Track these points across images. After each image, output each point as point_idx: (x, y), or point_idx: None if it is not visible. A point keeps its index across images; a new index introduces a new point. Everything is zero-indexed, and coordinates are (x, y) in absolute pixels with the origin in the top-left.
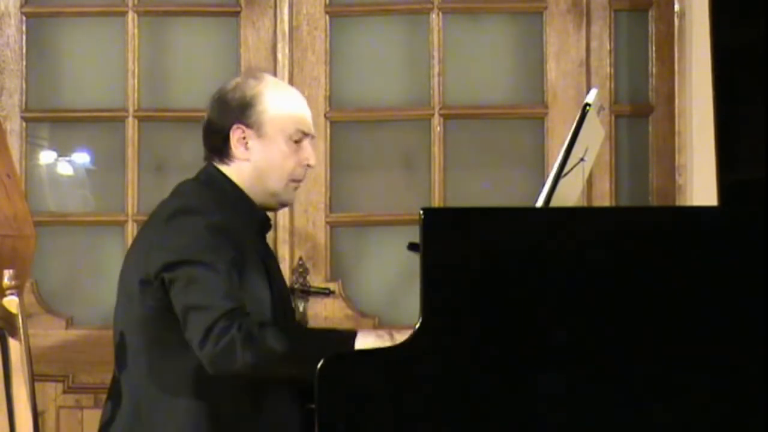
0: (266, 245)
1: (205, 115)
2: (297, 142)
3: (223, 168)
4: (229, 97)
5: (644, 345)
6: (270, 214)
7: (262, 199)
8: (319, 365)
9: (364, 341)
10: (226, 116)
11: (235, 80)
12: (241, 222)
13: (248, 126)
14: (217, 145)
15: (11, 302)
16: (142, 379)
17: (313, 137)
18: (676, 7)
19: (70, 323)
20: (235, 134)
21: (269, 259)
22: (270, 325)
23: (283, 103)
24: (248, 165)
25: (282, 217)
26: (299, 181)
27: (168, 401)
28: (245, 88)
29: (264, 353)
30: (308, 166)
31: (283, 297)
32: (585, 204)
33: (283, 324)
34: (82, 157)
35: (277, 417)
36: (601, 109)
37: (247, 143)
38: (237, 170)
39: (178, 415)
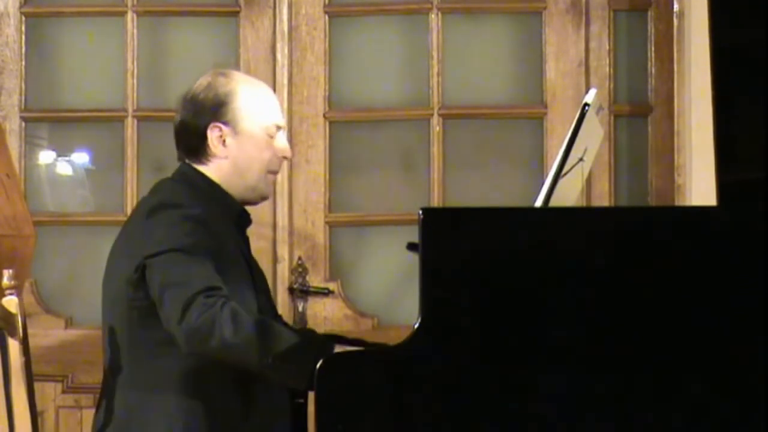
0: (246, 240)
1: (176, 116)
2: (271, 135)
3: (200, 167)
4: (201, 97)
5: (643, 344)
6: (269, 214)
7: (241, 195)
8: (318, 364)
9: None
10: (201, 116)
11: (205, 79)
12: (219, 215)
13: (225, 124)
14: (194, 146)
15: (11, 302)
16: (132, 379)
17: (284, 128)
18: (675, 7)
19: (69, 323)
20: (213, 133)
21: (249, 254)
22: (253, 313)
23: (256, 98)
24: (227, 162)
25: (281, 217)
26: (276, 172)
27: (158, 400)
28: (217, 86)
29: (243, 335)
30: (284, 157)
31: (268, 293)
32: (584, 204)
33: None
34: (81, 157)
35: (268, 412)
36: (600, 109)
37: (224, 141)
38: (215, 168)
39: (169, 413)
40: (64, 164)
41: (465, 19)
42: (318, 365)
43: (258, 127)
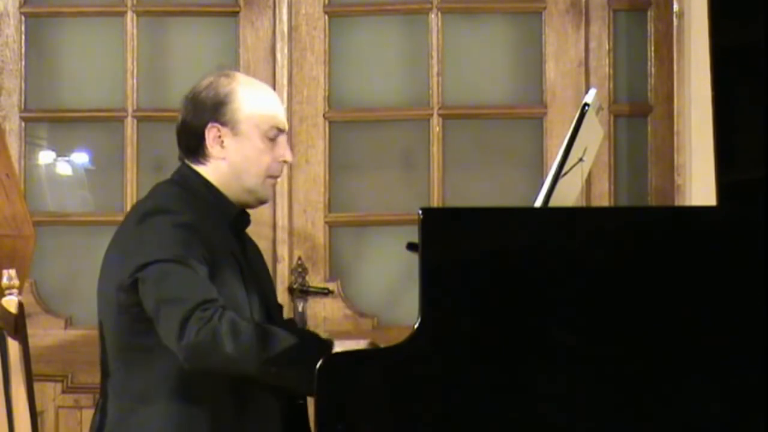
0: (243, 243)
1: (179, 116)
2: (272, 138)
3: (199, 168)
4: (202, 97)
5: (643, 344)
6: (269, 214)
7: (239, 197)
8: (318, 364)
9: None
10: (201, 116)
11: (207, 79)
12: (213, 221)
13: (223, 124)
14: (193, 145)
15: (10, 302)
16: (124, 384)
17: (286, 133)
18: (675, 7)
19: (69, 323)
20: (211, 133)
21: (247, 258)
22: (250, 320)
23: (256, 100)
24: (225, 163)
25: (281, 216)
26: (276, 177)
27: (149, 405)
28: (218, 86)
29: (243, 346)
30: (284, 162)
31: (266, 294)
32: (584, 204)
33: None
34: (81, 157)
35: (260, 417)
36: (599, 109)
37: (222, 142)
38: (213, 169)
39: (160, 419)
40: (63, 164)
41: (465, 19)
42: (318, 365)
43: (257, 130)
